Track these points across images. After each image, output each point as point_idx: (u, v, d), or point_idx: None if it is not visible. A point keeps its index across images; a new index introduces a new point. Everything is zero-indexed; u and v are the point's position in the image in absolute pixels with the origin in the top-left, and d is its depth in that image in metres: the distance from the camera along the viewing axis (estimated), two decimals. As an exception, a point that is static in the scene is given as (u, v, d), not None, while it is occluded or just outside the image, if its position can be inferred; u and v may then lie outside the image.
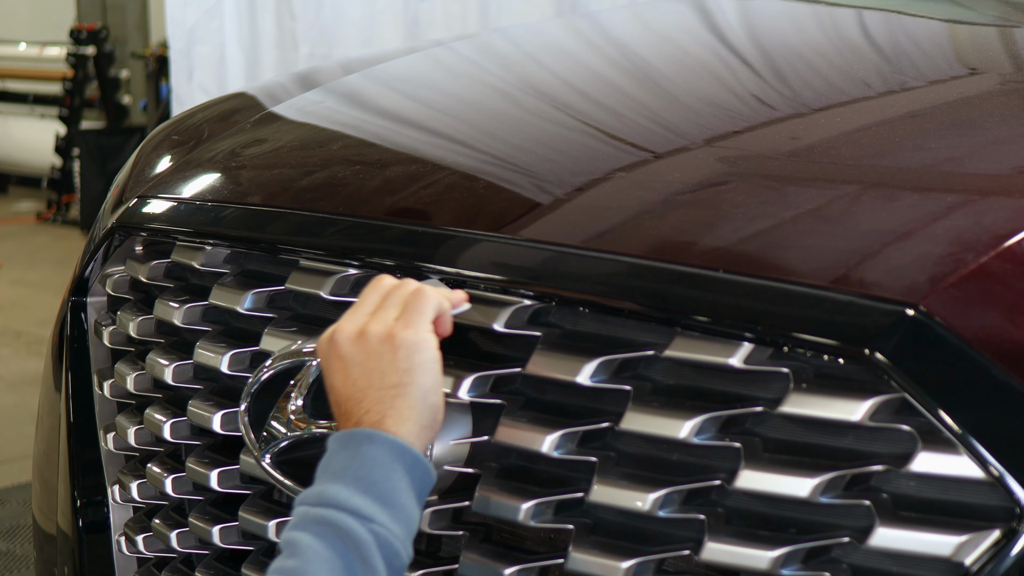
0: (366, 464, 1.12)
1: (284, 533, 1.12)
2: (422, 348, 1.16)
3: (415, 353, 1.16)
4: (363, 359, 1.17)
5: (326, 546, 1.09)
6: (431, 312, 1.19)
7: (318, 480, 1.15)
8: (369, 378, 1.16)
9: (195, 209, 1.58)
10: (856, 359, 1.03)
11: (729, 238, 1.19)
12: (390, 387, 1.15)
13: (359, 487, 1.11)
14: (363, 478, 1.12)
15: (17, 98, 9.77)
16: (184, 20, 4.58)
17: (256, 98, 1.95)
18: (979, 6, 2.17)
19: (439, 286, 1.25)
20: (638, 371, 1.16)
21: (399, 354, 1.16)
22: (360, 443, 1.14)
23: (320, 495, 1.12)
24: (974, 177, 1.26)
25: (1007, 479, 0.98)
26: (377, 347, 1.16)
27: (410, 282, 1.21)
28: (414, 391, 1.15)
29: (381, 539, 1.10)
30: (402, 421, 1.14)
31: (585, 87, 1.78)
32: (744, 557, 1.06)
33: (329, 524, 1.10)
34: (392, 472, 1.12)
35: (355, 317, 1.19)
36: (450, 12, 4.45)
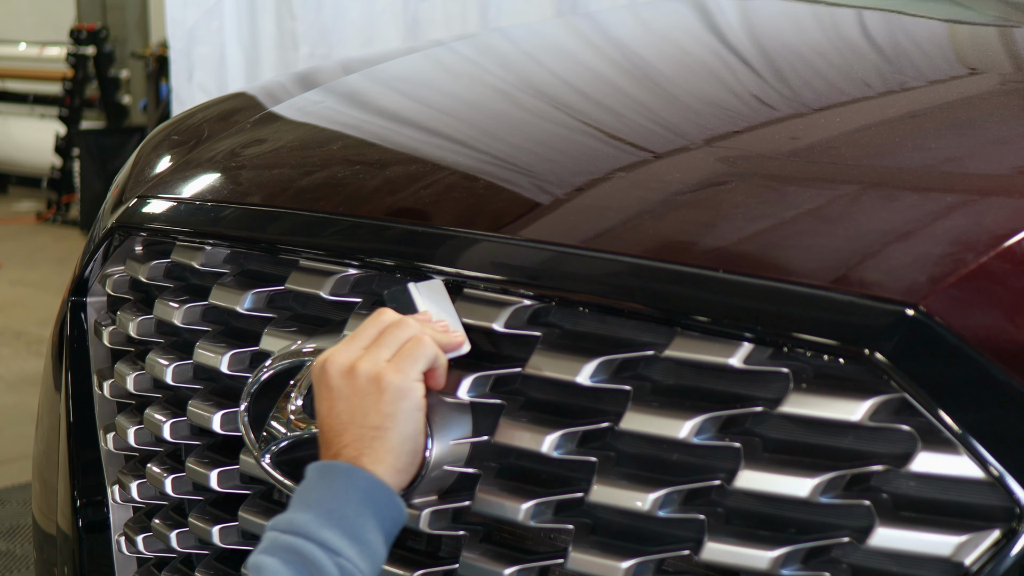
0: (339, 498, 1.14)
1: (252, 556, 1.14)
2: (407, 396, 1.18)
3: (400, 400, 1.17)
4: (349, 394, 1.18)
5: (292, 573, 1.11)
6: (424, 362, 1.19)
7: (292, 507, 1.16)
8: (352, 414, 1.18)
9: (195, 209, 1.58)
10: (856, 359, 1.03)
11: (729, 238, 1.19)
12: (371, 427, 1.17)
13: (330, 520, 1.13)
14: (335, 511, 1.14)
15: (17, 98, 9.77)
16: (184, 20, 4.58)
17: (256, 98, 1.95)
18: (979, 6, 2.17)
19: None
20: (638, 371, 1.16)
21: (384, 397, 1.17)
22: (337, 476, 1.16)
23: (291, 523, 1.14)
24: (974, 177, 1.26)
25: (1007, 479, 0.98)
26: (364, 386, 1.18)
27: (411, 324, 1.21)
28: (393, 436, 1.17)
29: (346, 572, 1.12)
30: (378, 462, 1.16)
31: (585, 87, 1.78)
32: (744, 557, 1.06)
33: (297, 552, 1.12)
34: (364, 509, 1.14)
35: (349, 349, 1.21)
36: (450, 12, 4.45)
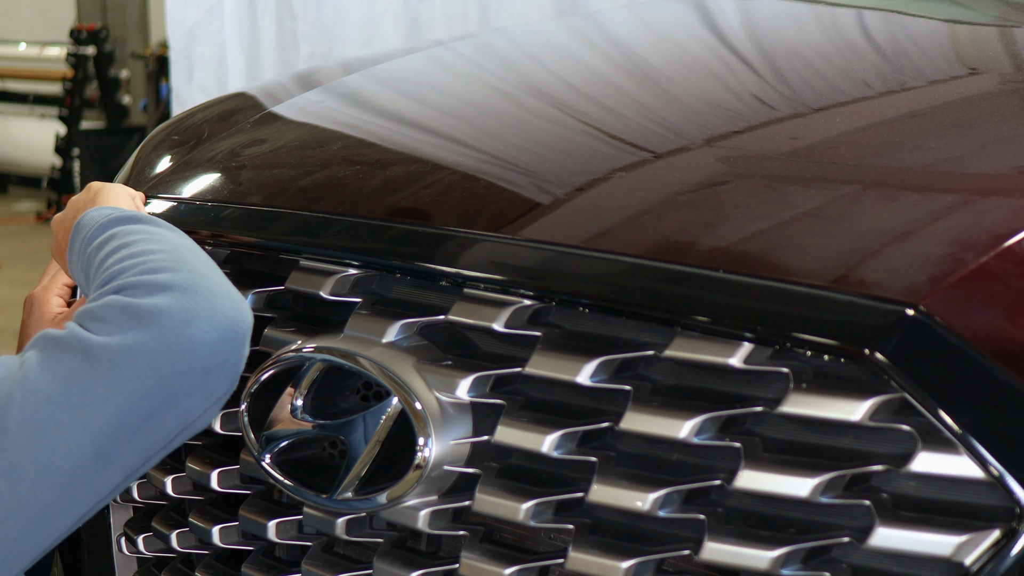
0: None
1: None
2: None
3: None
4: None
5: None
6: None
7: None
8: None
9: (195, 209, 1.58)
10: (856, 359, 1.03)
11: (729, 238, 1.19)
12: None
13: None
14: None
15: (17, 98, 9.77)
16: (184, 20, 4.59)
17: (256, 98, 1.95)
18: (979, 6, 2.17)
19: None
20: (638, 371, 1.16)
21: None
22: None
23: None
24: (974, 177, 1.26)
25: (1007, 479, 0.98)
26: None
27: None
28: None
29: None
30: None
31: (585, 87, 1.78)
32: (744, 557, 1.06)
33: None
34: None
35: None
36: (450, 12, 4.46)
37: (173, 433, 1.13)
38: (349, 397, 1.32)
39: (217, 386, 1.13)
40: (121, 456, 1.11)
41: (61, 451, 1.09)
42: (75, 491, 1.11)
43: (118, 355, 1.10)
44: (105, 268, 1.20)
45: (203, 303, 1.12)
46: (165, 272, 1.15)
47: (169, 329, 1.11)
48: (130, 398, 1.09)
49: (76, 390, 1.09)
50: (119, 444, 1.10)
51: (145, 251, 1.20)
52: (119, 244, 1.23)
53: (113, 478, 1.12)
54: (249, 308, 1.17)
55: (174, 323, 1.11)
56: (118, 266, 1.18)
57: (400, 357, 1.27)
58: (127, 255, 1.20)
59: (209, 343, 1.11)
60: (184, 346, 1.11)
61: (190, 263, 1.18)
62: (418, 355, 1.27)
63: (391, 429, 1.25)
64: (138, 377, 1.10)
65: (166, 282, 1.14)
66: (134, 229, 1.25)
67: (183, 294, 1.13)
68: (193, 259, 1.20)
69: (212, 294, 1.14)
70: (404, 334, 1.29)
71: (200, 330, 1.11)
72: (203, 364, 1.11)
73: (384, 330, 1.29)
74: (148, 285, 1.14)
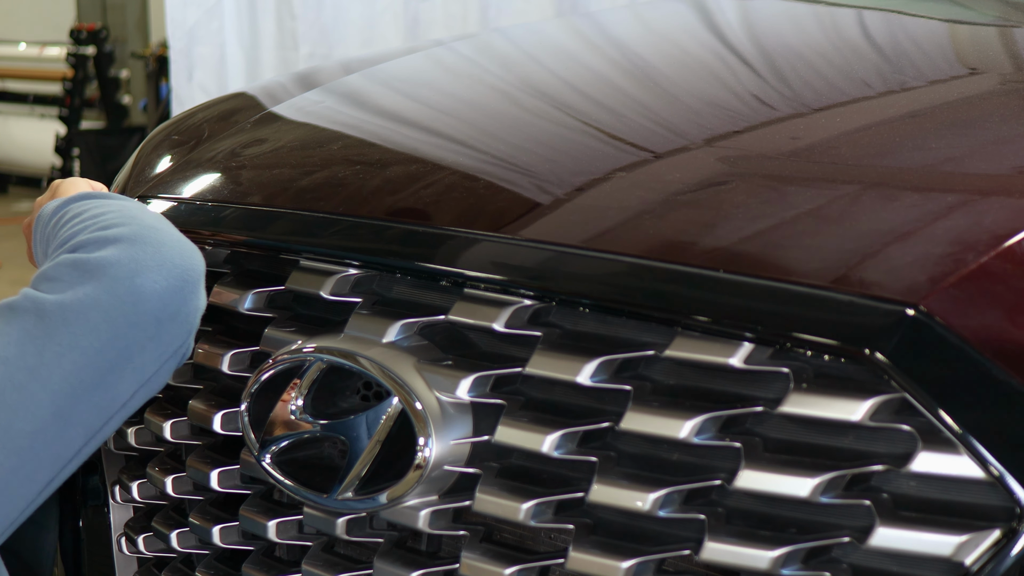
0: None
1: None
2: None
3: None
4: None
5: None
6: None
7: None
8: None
9: (195, 209, 1.58)
10: (856, 359, 1.03)
11: (729, 238, 1.19)
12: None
13: None
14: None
15: (17, 98, 9.77)
16: (184, 20, 4.59)
17: (256, 98, 1.95)
18: (979, 6, 2.17)
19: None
20: (638, 371, 1.16)
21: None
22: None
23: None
24: (974, 177, 1.26)
25: (1007, 479, 0.98)
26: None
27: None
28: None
29: None
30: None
31: (585, 87, 1.78)
32: (744, 557, 1.06)
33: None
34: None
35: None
36: (450, 12, 4.46)
37: (131, 390, 1.13)
38: (349, 397, 1.32)
39: (172, 338, 1.14)
40: (81, 416, 1.11)
41: (20, 413, 1.08)
42: (38, 455, 1.10)
43: (71, 310, 1.10)
44: (59, 237, 1.21)
45: (152, 252, 1.13)
46: (114, 228, 1.16)
47: (119, 279, 1.11)
48: (86, 353, 1.09)
49: (32, 350, 1.09)
50: (78, 402, 1.10)
51: (95, 214, 1.22)
52: (71, 216, 1.25)
53: (75, 439, 1.12)
54: (200, 256, 1.18)
55: (123, 273, 1.12)
56: (69, 231, 1.21)
57: (400, 357, 1.27)
58: (78, 221, 1.22)
59: (160, 291, 1.12)
60: (135, 297, 1.11)
61: (139, 218, 1.19)
62: (418, 355, 1.27)
63: (391, 429, 1.25)
64: (92, 331, 1.10)
65: (115, 236, 1.15)
66: (84, 204, 1.27)
67: (131, 245, 1.14)
68: (142, 214, 1.21)
69: (160, 244, 1.15)
70: (404, 334, 1.29)
71: (150, 279, 1.12)
72: (155, 314, 1.12)
73: (384, 330, 1.29)
74: (98, 240, 1.15)
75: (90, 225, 1.20)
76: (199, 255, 1.18)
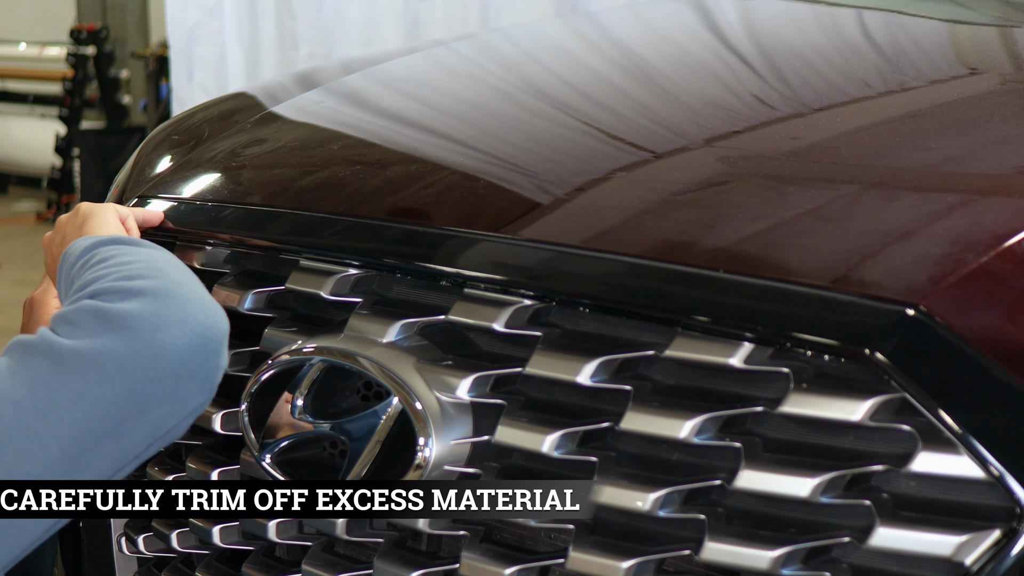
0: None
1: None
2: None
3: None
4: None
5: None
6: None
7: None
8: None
9: (195, 209, 1.58)
10: (856, 359, 1.03)
11: (729, 238, 1.19)
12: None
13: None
14: None
15: (17, 98, 9.77)
16: (184, 20, 4.59)
17: (256, 98, 1.95)
18: (979, 6, 2.17)
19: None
20: (638, 371, 1.16)
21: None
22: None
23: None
24: (974, 177, 1.26)
25: (1007, 479, 0.98)
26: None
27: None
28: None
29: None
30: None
31: (585, 87, 1.78)
32: (744, 557, 1.06)
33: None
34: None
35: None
36: (450, 12, 4.46)
37: (145, 443, 1.12)
38: (349, 397, 1.32)
39: (190, 396, 1.12)
40: (90, 463, 1.10)
41: (27, 456, 1.08)
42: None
43: (87, 359, 1.09)
44: (83, 279, 1.20)
45: (175, 308, 1.12)
46: (139, 279, 1.15)
47: (139, 333, 1.10)
48: (98, 403, 1.08)
49: (43, 394, 1.08)
50: (88, 450, 1.09)
51: (122, 262, 1.20)
52: (97, 260, 1.24)
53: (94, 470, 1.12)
54: (224, 315, 1.16)
55: (144, 328, 1.10)
56: (94, 275, 1.19)
57: (400, 357, 1.27)
58: (104, 267, 1.20)
59: (180, 349, 1.10)
60: (154, 351, 1.10)
61: (165, 271, 1.18)
62: (418, 355, 1.27)
63: (391, 429, 1.25)
64: (106, 381, 1.09)
65: (139, 288, 1.13)
66: (114, 249, 1.26)
67: (155, 299, 1.12)
68: (169, 268, 1.19)
69: (184, 299, 1.13)
70: (404, 334, 1.29)
71: (171, 335, 1.10)
72: (174, 371, 1.10)
73: (384, 330, 1.29)
74: (121, 291, 1.13)
75: (115, 272, 1.18)
76: (223, 314, 1.16)
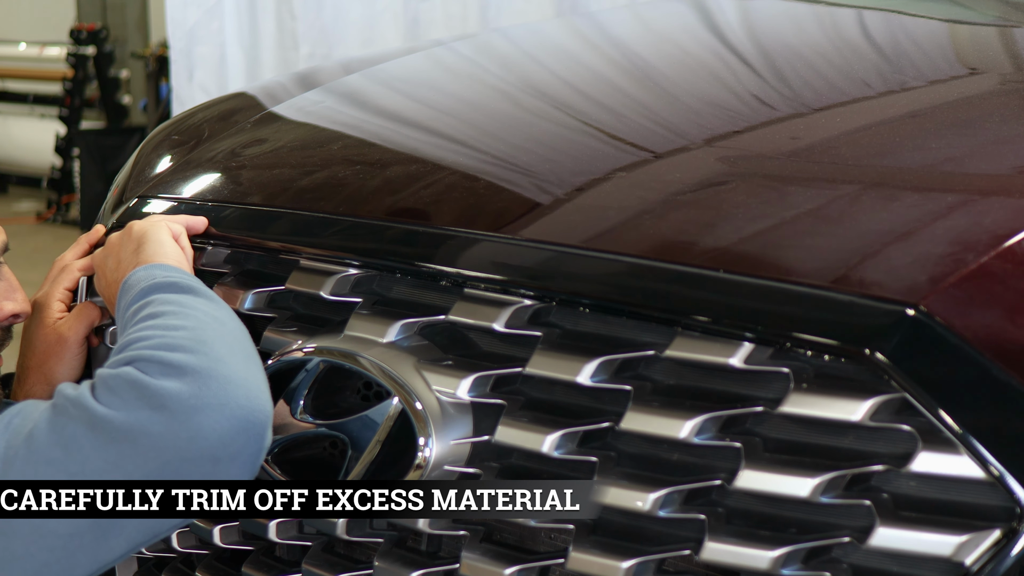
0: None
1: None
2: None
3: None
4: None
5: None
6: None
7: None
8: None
9: (195, 209, 1.58)
10: (856, 359, 1.03)
11: (729, 238, 1.19)
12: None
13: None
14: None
15: (17, 98, 9.76)
16: (184, 20, 4.59)
17: (256, 98, 1.95)
18: (979, 6, 2.17)
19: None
20: (638, 371, 1.16)
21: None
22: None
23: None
24: (974, 177, 1.26)
25: (1007, 479, 0.98)
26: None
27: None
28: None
29: None
30: None
31: (585, 87, 1.78)
32: (744, 557, 1.06)
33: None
34: None
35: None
36: (450, 12, 4.45)
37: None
38: (349, 397, 1.32)
39: (231, 475, 1.12)
40: (123, 530, 1.10)
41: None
42: (72, 555, 1.10)
43: (121, 432, 1.08)
44: (130, 331, 1.19)
45: (216, 390, 1.10)
46: (182, 352, 1.12)
47: (177, 414, 1.09)
48: (129, 476, 1.08)
49: (78, 458, 1.09)
50: (119, 518, 1.10)
51: (169, 324, 1.17)
52: (150, 312, 1.21)
53: (116, 548, 1.11)
54: (268, 397, 1.14)
55: (182, 408, 1.09)
56: (140, 333, 1.17)
57: (400, 357, 1.27)
58: (152, 324, 1.18)
59: (220, 433, 1.09)
60: (191, 433, 1.09)
61: (211, 344, 1.15)
62: (418, 355, 1.27)
63: (392, 429, 1.25)
64: (140, 456, 1.08)
65: (180, 363, 1.11)
66: (170, 299, 1.23)
67: (195, 379, 1.10)
68: (216, 339, 1.16)
69: (227, 380, 1.11)
70: (404, 334, 1.29)
71: (210, 419, 1.09)
72: (212, 453, 1.10)
73: (384, 330, 1.29)
74: (163, 363, 1.11)
75: (159, 337, 1.15)
76: (266, 395, 1.14)
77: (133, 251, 1.38)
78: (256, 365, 1.18)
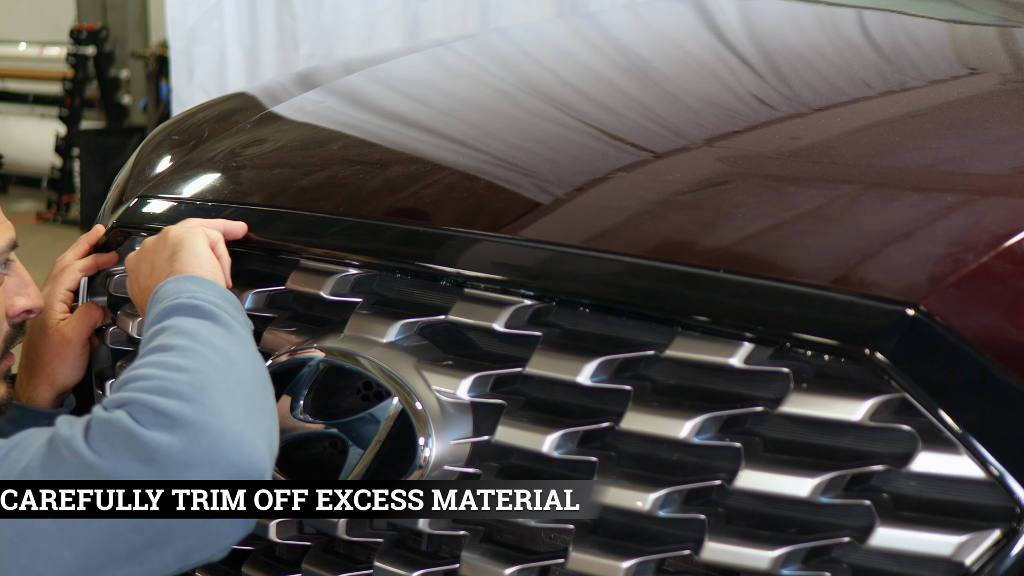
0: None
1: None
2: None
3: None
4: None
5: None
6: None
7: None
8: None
9: (195, 209, 1.58)
10: (856, 359, 1.03)
11: (729, 238, 1.19)
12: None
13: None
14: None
15: (17, 98, 9.76)
16: (184, 20, 4.59)
17: (256, 98, 1.95)
18: (979, 6, 2.17)
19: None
20: (638, 371, 1.16)
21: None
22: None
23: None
24: (974, 177, 1.26)
25: (1007, 479, 0.98)
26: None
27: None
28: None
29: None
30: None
31: (585, 87, 1.78)
32: (744, 557, 1.06)
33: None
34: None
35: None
36: (450, 12, 4.45)
37: (171, 569, 1.10)
38: (350, 397, 1.32)
39: (222, 534, 1.10)
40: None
41: (42, 560, 1.07)
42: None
43: (108, 479, 1.06)
44: (137, 364, 1.16)
45: (207, 446, 1.07)
46: (178, 400, 1.09)
47: (165, 469, 1.06)
48: (116, 525, 1.06)
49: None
50: (107, 567, 1.08)
51: (174, 364, 1.13)
52: (160, 344, 1.18)
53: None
54: (267, 451, 1.11)
55: (171, 464, 1.06)
56: (143, 371, 1.14)
57: (400, 357, 1.27)
58: (157, 361, 1.15)
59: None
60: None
61: (210, 392, 1.10)
62: (418, 355, 1.27)
63: (392, 429, 1.25)
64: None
65: (174, 413, 1.08)
66: (185, 328, 1.19)
67: (187, 433, 1.07)
68: (218, 385, 1.12)
69: (221, 435, 1.07)
70: (404, 334, 1.29)
71: (199, 476, 1.06)
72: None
73: (384, 330, 1.29)
74: (156, 411, 1.08)
75: (158, 379, 1.11)
76: (261, 451, 1.10)
77: (168, 258, 1.34)
78: (261, 412, 1.14)
